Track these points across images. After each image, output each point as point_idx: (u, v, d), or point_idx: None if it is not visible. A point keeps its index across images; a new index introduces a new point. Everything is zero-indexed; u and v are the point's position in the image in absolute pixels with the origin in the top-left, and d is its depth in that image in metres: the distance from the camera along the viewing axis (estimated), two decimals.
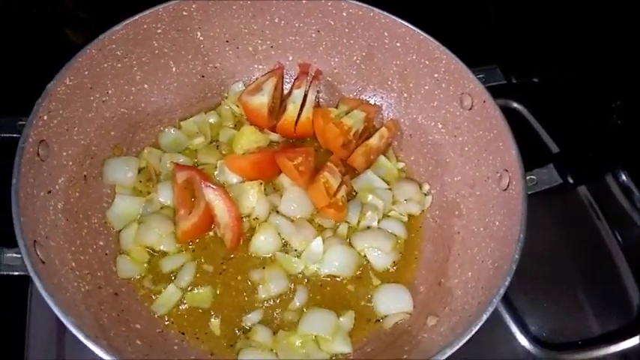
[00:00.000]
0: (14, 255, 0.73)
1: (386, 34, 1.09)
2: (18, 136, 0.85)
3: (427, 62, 1.06)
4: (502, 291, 0.76)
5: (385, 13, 1.07)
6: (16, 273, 0.73)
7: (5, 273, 0.73)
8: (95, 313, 0.82)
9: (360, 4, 1.07)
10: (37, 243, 0.77)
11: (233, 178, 1.05)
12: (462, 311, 0.83)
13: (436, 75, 1.06)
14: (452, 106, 1.05)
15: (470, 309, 0.82)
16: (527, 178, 0.88)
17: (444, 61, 1.03)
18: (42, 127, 0.86)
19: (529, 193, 0.85)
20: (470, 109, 1.01)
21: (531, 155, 0.90)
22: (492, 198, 0.94)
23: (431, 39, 1.04)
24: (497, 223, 0.91)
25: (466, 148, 1.03)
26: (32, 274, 0.70)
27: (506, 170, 0.92)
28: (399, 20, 1.06)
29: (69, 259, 0.85)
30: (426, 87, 1.09)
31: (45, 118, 0.87)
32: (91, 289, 0.85)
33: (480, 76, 1.00)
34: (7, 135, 0.85)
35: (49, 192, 0.87)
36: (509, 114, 1.02)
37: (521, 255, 0.78)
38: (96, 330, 0.77)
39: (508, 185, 0.90)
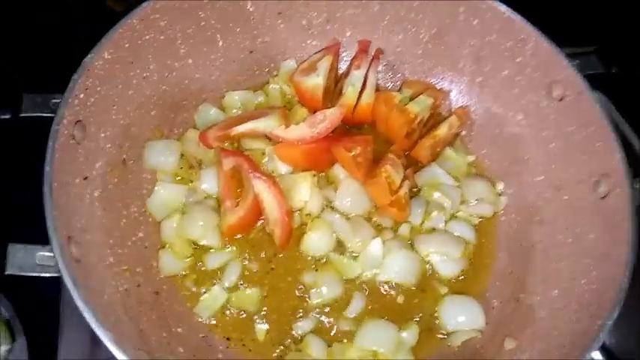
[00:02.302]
0: (47, 254, 0.65)
1: (462, 9, 0.95)
2: (50, 115, 0.76)
3: (510, 44, 0.92)
4: (609, 323, 0.64)
5: None
6: (49, 275, 0.64)
7: (37, 275, 0.64)
8: (134, 317, 0.74)
9: None
10: (72, 239, 0.68)
11: (283, 168, 0.94)
12: (550, 338, 0.72)
13: (519, 59, 0.92)
14: (537, 95, 0.91)
15: (561, 337, 0.70)
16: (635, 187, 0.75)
17: (531, 44, 0.89)
18: (78, 106, 0.77)
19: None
20: (560, 100, 0.87)
21: None
22: (585, 206, 0.81)
23: (517, 17, 0.90)
24: (591, 236, 0.78)
25: (552, 145, 0.89)
26: (66, 277, 0.62)
27: (606, 175, 0.79)
28: None
29: (106, 255, 0.77)
30: (506, 72, 0.95)
31: (81, 96, 0.77)
32: (129, 287, 0.77)
33: (575, 62, 0.86)
34: (39, 114, 0.75)
35: (85, 178, 0.78)
36: None
37: None
38: (135, 339, 0.69)
39: (608, 193, 0.77)
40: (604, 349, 0.84)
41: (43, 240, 0.68)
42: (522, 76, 0.93)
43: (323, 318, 0.84)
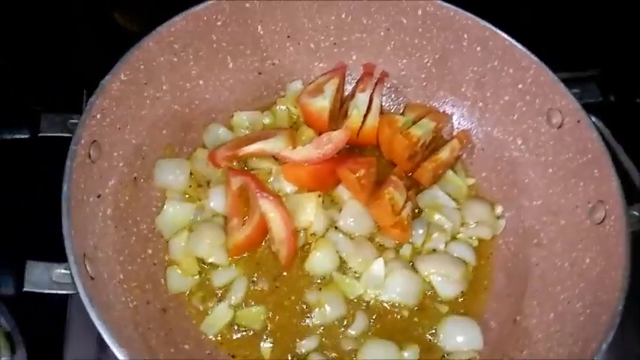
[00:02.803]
0: (63, 271, 0.67)
1: (465, 36, 0.98)
2: (67, 135, 0.79)
3: (511, 71, 0.95)
4: (604, 347, 0.66)
5: (467, 13, 0.96)
6: (64, 292, 0.67)
7: (54, 292, 0.67)
8: (143, 333, 0.76)
9: (439, 2, 0.97)
10: (86, 256, 0.71)
11: (288, 187, 0.97)
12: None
13: (520, 86, 0.95)
14: (536, 121, 0.94)
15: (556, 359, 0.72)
16: (630, 213, 0.77)
17: (532, 71, 0.92)
18: (94, 127, 0.80)
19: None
20: (559, 127, 0.90)
21: None
22: (582, 231, 0.84)
23: (518, 45, 0.93)
24: (587, 261, 0.81)
25: (550, 170, 0.92)
26: (82, 295, 0.64)
27: (602, 202, 0.81)
28: (483, 22, 0.96)
29: (117, 271, 0.79)
30: (506, 97, 0.98)
31: (98, 116, 0.80)
32: (139, 304, 0.79)
33: (575, 91, 0.89)
34: (57, 134, 0.78)
35: (99, 196, 0.81)
36: None
37: None
38: (145, 355, 0.71)
39: (604, 219, 0.80)
40: None
41: (56, 257, 0.70)
42: (522, 102, 0.96)
43: (326, 337, 0.86)
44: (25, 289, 0.66)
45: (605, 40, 1.12)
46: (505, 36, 0.94)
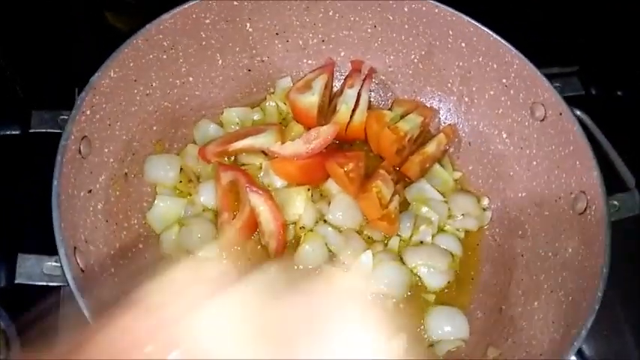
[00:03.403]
0: (54, 264, 0.69)
1: (450, 32, 1.00)
2: (57, 131, 0.80)
3: (495, 66, 0.97)
4: (583, 333, 0.68)
5: (452, 10, 0.98)
6: (55, 284, 0.68)
7: (45, 284, 0.68)
8: None
9: None
10: (77, 250, 0.72)
11: (278, 182, 0.98)
12: (529, 347, 0.76)
13: (504, 80, 0.97)
14: (520, 115, 0.96)
15: (539, 346, 0.74)
16: (610, 203, 0.79)
17: (515, 66, 0.94)
18: (84, 123, 0.81)
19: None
20: (542, 120, 0.92)
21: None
22: (564, 221, 0.85)
23: (502, 41, 0.95)
24: (570, 250, 0.82)
25: (534, 163, 0.94)
26: (73, 288, 0.65)
27: (583, 192, 0.83)
28: (467, 19, 0.97)
29: (108, 265, 0.80)
30: (492, 92, 1.00)
31: (88, 112, 0.81)
32: None
33: (557, 84, 0.91)
34: (48, 130, 0.79)
35: (90, 191, 0.82)
36: None
37: None
38: None
39: (585, 209, 0.82)
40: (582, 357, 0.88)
41: (49, 250, 0.72)
42: (507, 96, 0.97)
43: None
44: (16, 282, 0.67)
45: (585, 35, 1.14)
46: (488, 31, 0.95)
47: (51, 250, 0.69)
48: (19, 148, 0.83)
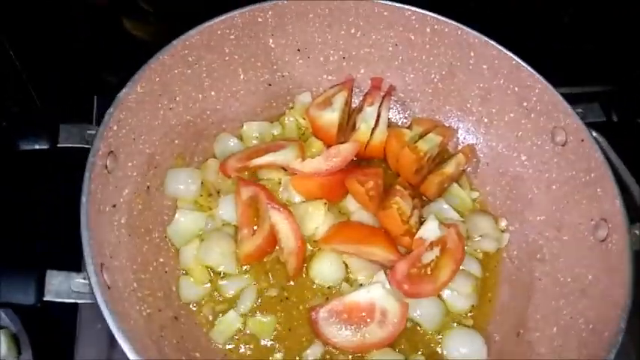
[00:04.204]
0: (82, 281, 0.69)
1: (472, 54, 1.01)
2: (85, 146, 0.80)
3: (516, 89, 0.98)
4: None
5: (475, 32, 0.99)
6: (83, 301, 0.68)
7: (73, 301, 0.68)
8: (156, 341, 0.77)
9: (448, 20, 1.00)
10: (104, 266, 0.72)
11: (296, 197, 0.99)
12: None
13: (525, 103, 0.98)
14: (540, 138, 0.97)
15: None
16: (631, 232, 0.79)
17: (537, 90, 0.95)
18: (111, 138, 0.81)
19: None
20: (563, 145, 0.92)
21: None
22: (585, 247, 0.86)
23: (524, 65, 0.95)
24: (590, 277, 0.83)
25: (554, 187, 0.94)
26: (102, 305, 0.66)
27: (605, 220, 0.83)
28: (491, 42, 0.98)
29: (131, 280, 0.80)
30: (512, 114, 1.01)
31: (114, 128, 0.82)
32: (152, 312, 0.80)
33: (579, 110, 0.91)
34: (74, 145, 0.80)
35: (114, 206, 0.82)
36: None
37: None
38: None
39: (606, 237, 0.82)
40: None
41: (71, 266, 0.72)
42: (527, 119, 0.98)
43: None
44: (45, 299, 0.67)
45: (608, 59, 1.15)
46: (511, 55, 0.96)
47: (72, 266, 0.69)
48: (48, 162, 0.84)
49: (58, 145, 0.78)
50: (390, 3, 1.01)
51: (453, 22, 0.99)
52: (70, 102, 1.19)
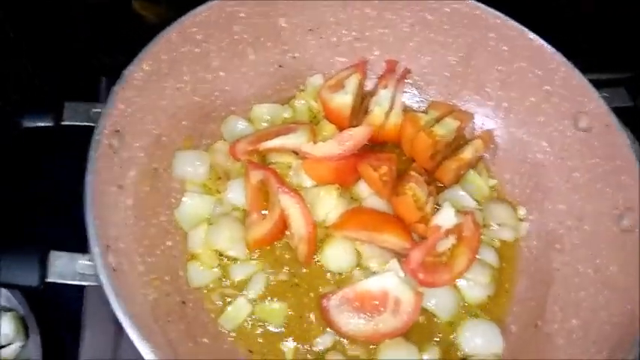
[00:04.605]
0: (87, 262, 0.66)
1: (492, 35, 0.97)
2: (90, 124, 0.78)
3: (539, 72, 0.94)
4: (631, 358, 0.65)
5: (496, 12, 0.95)
6: (88, 283, 0.66)
7: (78, 283, 0.66)
8: (163, 326, 0.75)
9: (469, 0, 0.95)
10: (109, 248, 0.70)
11: (307, 182, 0.96)
12: None
13: (547, 87, 0.94)
14: (562, 124, 0.93)
15: None
16: None
17: (560, 73, 0.91)
18: (117, 117, 0.78)
19: None
20: (586, 131, 0.89)
21: None
22: (607, 238, 0.82)
23: (548, 46, 0.91)
24: (611, 269, 0.80)
25: (575, 175, 0.91)
26: (107, 287, 0.63)
27: (630, 209, 0.80)
28: (511, 21, 0.94)
29: (137, 263, 0.78)
30: (532, 99, 0.97)
31: (120, 106, 0.79)
32: (158, 297, 0.78)
33: (604, 94, 0.87)
34: (78, 123, 0.77)
35: (120, 187, 0.80)
36: None
37: None
38: (165, 348, 0.70)
39: (631, 227, 0.78)
40: None
41: (76, 247, 0.70)
42: (549, 104, 0.94)
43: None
44: (48, 280, 0.65)
45: (636, 44, 1.11)
46: (534, 36, 0.92)
47: (77, 247, 0.66)
48: (52, 140, 0.81)
49: (62, 123, 0.75)
50: None
51: (472, 1, 0.95)
52: (74, 84, 1.16)
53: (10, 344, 0.88)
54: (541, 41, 0.91)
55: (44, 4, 1.13)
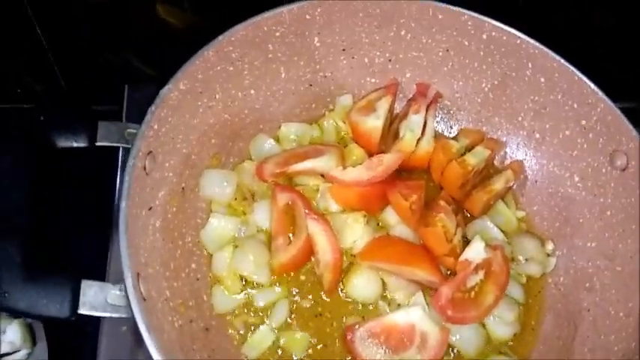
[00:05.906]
0: (118, 293, 0.65)
1: (530, 64, 0.95)
2: (120, 145, 0.77)
3: (576, 106, 0.92)
4: None
5: (535, 42, 0.93)
6: (118, 315, 0.64)
7: (108, 315, 0.64)
8: (188, 354, 0.74)
9: (507, 28, 0.94)
10: (140, 276, 0.68)
11: (333, 206, 0.94)
12: None
13: (584, 122, 0.92)
14: (597, 160, 0.91)
15: None
16: None
17: (598, 110, 0.89)
18: (151, 137, 0.77)
19: None
20: (623, 170, 0.87)
21: None
22: None
23: (587, 81, 0.89)
24: None
25: (608, 213, 0.89)
26: (139, 320, 0.62)
27: None
28: (551, 53, 0.92)
29: (164, 288, 0.77)
30: (567, 132, 0.95)
31: (155, 126, 0.78)
32: (183, 323, 0.77)
33: None
34: (113, 144, 0.76)
35: (150, 209, 0.78)
36: None
37: None
38: None
39: None
40: None
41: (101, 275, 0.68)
42: (584, 139, 0.92)
43: None
44: (79, 312, 0.64)
45: None
46: (573, 69, 0.90)
47: (91, 272, 0.65)
48: (85, 161, 0.80)
49: (97, 144, 0.73)
50: (446, 6, 0.95)
51: (512, 30, 0.93)
52: (99, 90, 1.15)
53: (17, 351, 0.87)
54: (580, 75, 0.90)
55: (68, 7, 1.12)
